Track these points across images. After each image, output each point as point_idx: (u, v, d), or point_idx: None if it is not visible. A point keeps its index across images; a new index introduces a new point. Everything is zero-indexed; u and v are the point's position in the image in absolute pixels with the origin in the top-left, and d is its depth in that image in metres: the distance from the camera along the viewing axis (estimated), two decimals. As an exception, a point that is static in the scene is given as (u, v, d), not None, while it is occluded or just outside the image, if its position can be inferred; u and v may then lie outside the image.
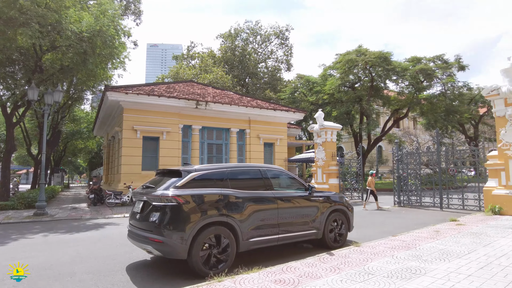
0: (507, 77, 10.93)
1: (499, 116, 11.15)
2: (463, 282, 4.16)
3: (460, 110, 28.27)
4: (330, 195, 7.13)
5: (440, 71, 26.80)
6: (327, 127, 18.26)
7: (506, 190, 10.55)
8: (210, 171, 5.73)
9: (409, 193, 14.43)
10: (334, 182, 17.60)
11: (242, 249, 5.41)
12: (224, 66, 36.38)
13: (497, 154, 11.11)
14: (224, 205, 5.35)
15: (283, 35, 37.42)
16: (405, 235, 7.48)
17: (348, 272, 4.70)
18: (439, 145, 14.00)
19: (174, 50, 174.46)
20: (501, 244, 6.30)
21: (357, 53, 26.58)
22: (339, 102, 27.78)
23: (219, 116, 19.43)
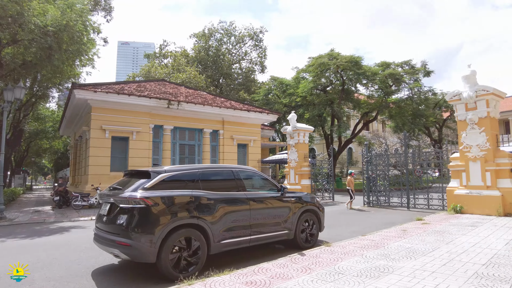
0: (468, 83, 11.52)
1: (461, 120, 11.73)
2: (428, 279, 4.30)
3: (426, 114, 29.55)
4: (302, 196, 7.19)
5: (407, 76, 27.89)
6: (299, 129, 18.48)
7: (466, 190, 11.11)
8: (181, 172, 5.61)
9: (378, 194, 14.87)
10: (306, 183, 17.83)
11: (214, 252, 5.33)
12: (198, 66, 35.98)
13: (458, 156, 11.67)
14: (195, 207, 5.25)
15: (257, 37, 37.58)
16: (374, 234, 7.68)
17: (319, 272, 4.74)
18: (407, 147, 14.54)
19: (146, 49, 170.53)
20: (462, 241, 6.61)
21: (329, 57, 27.12)
22: (311, 105, 28.22)
23: (192, 116, 19.15)
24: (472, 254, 5.55)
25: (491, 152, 10.80)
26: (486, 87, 11.09)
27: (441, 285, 4.07)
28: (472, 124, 11.29)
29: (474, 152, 11.10)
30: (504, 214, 10.14)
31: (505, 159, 10.69)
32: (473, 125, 11.26)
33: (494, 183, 10.64)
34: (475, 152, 11.09)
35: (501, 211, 10.16)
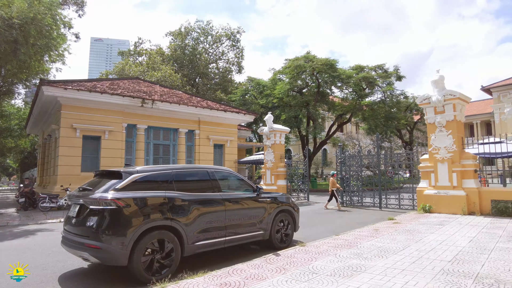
0: (437, 88, 12.00)
1: (430, 123, 12.20)
2: (398, 276, 4.43)
3: (398, 116, 30.54)
4: (277, 196, 7.23)
5: (380, 79, 28.73)
6: (276, 130, 18.58)
7: (435, 190, 11.56)
8: (154, 172, 5.48)
9: (351, 194, 15.19)
10: (282, 183, 17.96)
11: (188, 253, 5.24)
12: (173, 64, 35.42)
13: (428, 158, 12.13)
14: (169, 208, 5.15)
15: (234, 37, 37.46)
16: (348, 234, 7.83)
17: (293, 272, 4.77)
18: (379, 148, 14.94)
19: (120, 46, 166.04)
20: (430, 239, 6.86)
21: (305, 59, 27.48)
22: (287, 106, 28.47)
23: (166, 116, 18.81)
24: (439, 252, 5.76)
25: (458, 154, 11.30)
26: (453, 92, 11.59)
27: (411, 282, 4.20)
28: (440, 127, 11.76)
29: (442, 153, 11.58)
30: (468, 213, 10.63)
31: (470, 160, 11.22)
32: (441, 128, 11.74)
33: (460, 183, 11.13)
34: (443, 154, 11.56)
35: (465, 210, 10.64)
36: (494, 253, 5.64)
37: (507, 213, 10.00)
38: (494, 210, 10.32)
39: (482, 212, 10.59)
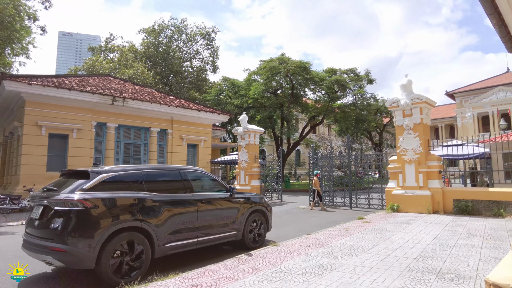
0: (405, 92, 12.47)
1: (398, 125, 12.65)
2: (367, 274, 4.55)
3: (368, 119, 31.47)
4: (251, 196, 7.23)
5: (352, 83, 29.51)
6: (250, 130, 18.60)
7: (402, 190, 12.00)
8: (123, 172, 5.33)
9: (323, 194, 15.46)
10: (256, 184, 18.00)
11: (158, 255, 5.13)
12: (146, 62, 34.61)
13: (396, 159, 12.58)
14: (139, 209, 5.01)
15: (209, 36, 37.14)
16: (319, 233, 7.96)
17: (265, 272, 4.79)
18: (350, 150, 15.32)
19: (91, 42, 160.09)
20: (397, 238, 7.11)
21: (279, 61, 27.73)
22: (262, 107, 28.61)
23: (138, 114, 18.35)
24: (406, 249, 5.99)
25: (424, 156, 11.80)
26: (420, 96, 12.09)
27: (378, 279, 4.33)
28: (408, 129, 12.23)
29: (410, 155, 12.04)
30: (433, 212, 11.13)
31: (435, 162, 11.75)
32: (409, 130, 12.21)
33: (426, 183, 11.62)
34: (410, 155, 12.03)
35: (430, 209, 11.13)
36: (455, 249, 5.93)
37: (467, 212, 10.56)
38: (456, 209, 10.86)
39: (445, 211, 11.12)
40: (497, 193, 10.40)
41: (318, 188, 14.31)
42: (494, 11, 9.17)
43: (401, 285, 4.09)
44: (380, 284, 4.13)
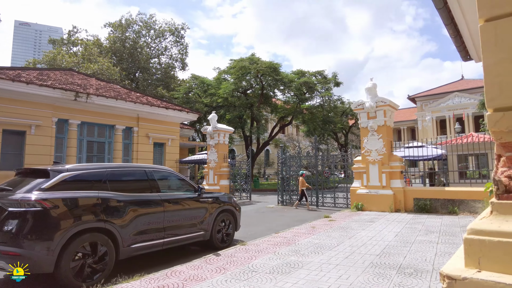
0: (370, 95, 12.94)
1: (363, 127, 13.11)
2: (332, 271, 4.68)
3: (335, 120, 32.31)
4: (219, 196, 7.19)
5: (320, 85, 30.17)
6: (220, 130, 18.50)
7: (366, 190, 12.45)
8: (86, 171, 5.10)
9: (291, 193, 15.70)
10: (225, 183, 17.92)
11: (123, 257, 4.97)
12: (112, 57, 33.34)
13: (361, 159, 13.02)
14: (103, 209, 4.83)
15: (178, 33, 36.43)
16: (287, 231, 8.07)
17: (233, 271, 4.78)
18: (317, 150, 15.67)
19: (52, 33, 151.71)
20: (362, 235, 7.37)
21: (250, 61, 27.79)
22: (232, 106, 28.53)
23: (103, 111, 17.63)
24: (369, 247, 6.22)
25: (387, 156, 12.30)
26: (384, 99, 12.60)
27: (343, 276, 4.46)
28: (372, 131, 12.70)
29: (373, 156, 12.51)
30: (395, 210, 11.64)
31: (397, 162, 12.29)
32: (373, 132, 12.68)
33: (388, 183, 12.13)
34: (374, 156, 12.50)
35: (392, 207, 11.63)
36: (414, 245, 6.24)
37: (425, 210, 11.15)
38: (416, 207, 11.43)
39: (406, 209, 11.67)
40: (452, 192, 11.07)
41: (306, 186, 14.10)
42: (451, 22, 9.70)
43: (364, 281, 4.25)
44: (345, 281, 4.26)
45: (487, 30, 1.60)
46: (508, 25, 1.54)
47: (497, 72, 1.55)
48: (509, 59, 1.52)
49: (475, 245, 1.48)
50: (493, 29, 1.57)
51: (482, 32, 1.61)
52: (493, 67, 1.57)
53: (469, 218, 9.63)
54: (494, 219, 1.52)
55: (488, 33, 1.59)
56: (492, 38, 1.57)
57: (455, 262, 1.56)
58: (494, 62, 1.56)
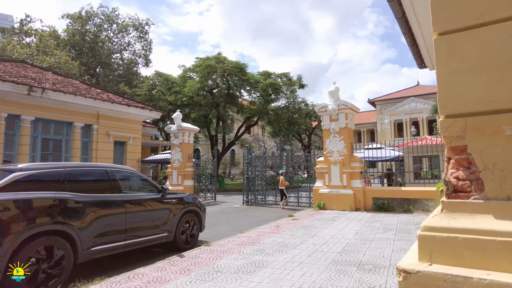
0: (332, 98, 13.37)
1: (326, 129, 13.52)
2: (296, 269, 4.79)
3: (299, 122, 32.98)
4: (184, 197, 7.10)
5: (285, 87, 30.66)
6: (184, 129, 18.21)
7: (328, 189, 12.85)
8: (41, 171, 4.83)
9: (256, 193, 15.82)
10: (189, 184, 17.68)
11: (82, 260, 4.76)
12: (71, 50, 31.59)
13: (323, 160, 13.41)
14: (60, 211, 4.59)
15: (142, 28, 35.30)
16: (251, 231, 8.13)
17: (198, 272, 4.74)
18: (282, 151, 15.91)
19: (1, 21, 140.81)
20: (324, 234, 7.60)
21: (216, 60, 27.60)
22: (197, 105, 28.18)
23: (60, 107, 16.66)
24: (331, 245, 6.43)
25: (348, 157, 12.78)
26: (346, 102, 13.08)
27: (307, 273, 4.59)
28: (334, 133, 13.13)
29: (335, 157, 12.94)
30: (355, 209, 12.12)
31: (357, 163, 12.81)
32: (335, 134, 13.11)
33: (349, 183, 12.61)
34: (335, 157, 12.93)
35: (353, 206, 12.10)
36: (373, 243, 6.55)
37: (383, 209, 11.73)
38: (374, 206, 11.98)
39: (366, 208, 12.19)
40: (408, 192, 11.74)
41: (286, 185, 14.05)
42: (408, 32, 10.27)
43: (326, 278, 4.40)
44: (308, 278, 4.38)
45: (440, 43, 1.73)
46: (458, 39, 1.69)
47: (449, 82, 1.69)
48: (460, 71, 1.67)
49: (428, 241, 1.60)
50: (446, 42, 1.71)
51: (436, 45, 1.75)
52: (445, 77, 1.70)
53: (422, 216, 10.26)
54: (444, 216, 1.66)
55: (441, 46, 1.73)
56: (445, 50, 1.71)
57: (410, 257, 1.67)
58: (446, 73, 1.70)
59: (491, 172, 1.57)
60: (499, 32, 1.59)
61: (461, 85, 1.66)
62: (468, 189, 1.65)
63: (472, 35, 1.67)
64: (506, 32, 1.57)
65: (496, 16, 1.60)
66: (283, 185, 13.96)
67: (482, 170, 1.59)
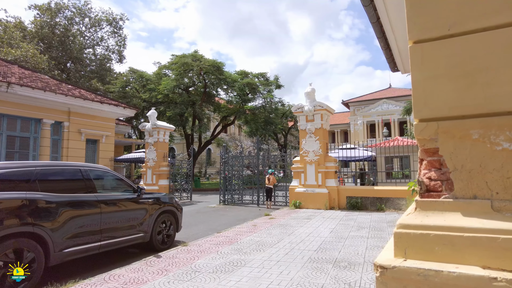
0: (309, 99, 13.61)
1: (302, 129, 13.74)
2: (274, 268, 4.86)
3: (275, 122, 33.23)
4: (160, 197, 7.01)
5: (262, 87, 30.80)
6: (160, 127, 17.92)
7: (304, 188, 13.07)
8: (11, 170, 4.62)
9: (232, 192, 15.82)
10: (164, 183, 17.41)
11: (55, 262, 4.60)
12: (39, 43, 30.20)
13: (299, 160, 13.62)
14: (30, 212, 4.42)
15: (116, 23, 34.27)
16: (229, 231, 8.15)
17: (175, 272, 4.71)
18: (259, 150, 16.00)
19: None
20: (300, 232, 7.74)
21: (193, 58, 27.31)
22: (173, 103, 27.77)
23: (27, 103, 15.92)
24: (307, 243, 6.57)
25: (323, 157, 13.05)
26: (321, 104, 13.34)
27: (284, 271, 4.67)
28: (310, 133, 13.37)
29: (311, 156, 13.18)
30: (330, 208, 12.40)
31: (332, 163, 13.11)
32: (311, 134, 13.35)
33: (324, 182, 12.88)
34: (311, 157, 13.17)
35: (327, 205, 12.37)
36: (347, 240, 6.75)
37: (357, 207, 12.07)
38: (348, 205, 12.31)
39: (340, 206, 12.50)
40: (380, 191, 12.15)
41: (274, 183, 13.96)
42: (382, 36, 10.61)
43: (303, 275, 4.50)
44: (285, 276, 4.47)
45: (415, 51, 1.84)
46: (431, 48, 1.80)
47: (423, 88, 1.80)
48: (432, 77, 1.78)
49: (403, 237, 1.70)
50: (420, 50, 1.82)
51: (411, 52, 1.85)
52: (419, 83, 1.81)
53: (394, 215, 10.66)
54: (418, 214, 1.76)
55: (416, 54, 1.83)
56: (419, 58, 1.82)
57: (386, 253, 1.77)
58: (420, 79, 1.81)
59: (460, 173, 1.69)
60: (467, 43, 1.71)
61: (433, 91, 1.77)
62: (439, 189, 1.76)
63: (443, 44, 1.78)
64: (472, 43, 1.70)
65: (464, 28, 1.72)
66: (271, 184, 13.86)
67: (452, 171, 1.71)
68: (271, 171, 14.46)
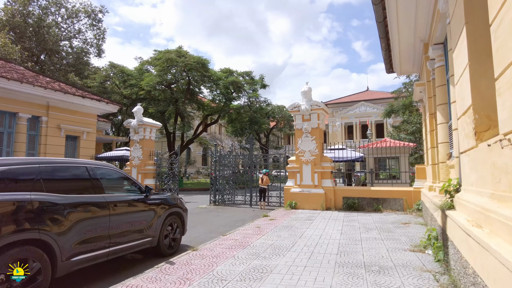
0: (305, 98, 13.39)
1: (298, 129, 13.50)
2: (304, 274, 4.54)
3: (260, 121, 32.95)
4: (167, 197, 6.52)
5: (247, 86, 30.40)
6: (146, 124, 17.17)
7: (300, 189, 12.84)
8: (11, 167, 4.02)
9: (223, 192, 15.35)
10: (150, 183, 16.66)
11: (62, 273, 4.06)
12: (10, 33, 28.29)
13: (295, 159, 13.38)
14: (35, 215, 3.86)
15: (95, 16, 32.73)
16: (234, 233, 7.75)
17: (200, 281, 4.28)
18: (252, 150, 15.64)
19: None
20: (310, 234, 7.46)
21: (177, 54, 26.56)
22: (155, 100, 26.88)
23: (1, 95, 14.74)
24: (324, 246, 6.29)
25: (319, 157, 12.88)
26: (318, 103, 13.17)
27: (318, 278, 4.36)
28: (306, 132, 13.16)
29: (307, 156, 12.97)
30: (326, 208, 12.23)
31: (328, 163, 12.96)
32: (307, 134, 13.15)
33: (320, 182, 12.71)
34: (307, 157, 12.96)
35: (324, 206, 12.20)
36: (364, 243, 6.53)
37: (354, 208, 11.97)
38: (345, 206, 12.19)
39: (336, 207, 12.37)
40: (376, 192, 12.12)
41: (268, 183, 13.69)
42: (385, 36, 10.40)
43: (341, 281, 4.20)
44: (322, 283, 4.16)
45: None
46: None
47: None
48: None
49: None
50: None
51: None
52: None
53: (393, 215, 10.61)
54: None
55: None
56: None
57: None
58: None
59: None
60: None
61: None
62: None
63: None
64: None
65: None
66: (265, 184, 13.56)
67: None
68: (265, 171, 14.12)
